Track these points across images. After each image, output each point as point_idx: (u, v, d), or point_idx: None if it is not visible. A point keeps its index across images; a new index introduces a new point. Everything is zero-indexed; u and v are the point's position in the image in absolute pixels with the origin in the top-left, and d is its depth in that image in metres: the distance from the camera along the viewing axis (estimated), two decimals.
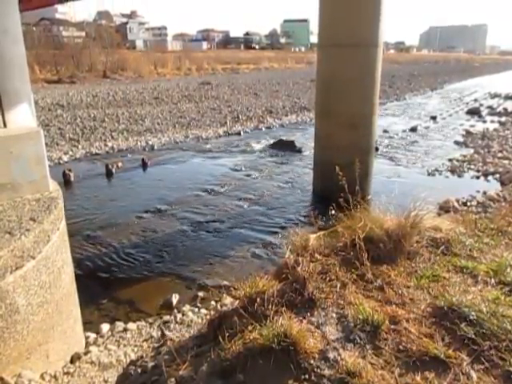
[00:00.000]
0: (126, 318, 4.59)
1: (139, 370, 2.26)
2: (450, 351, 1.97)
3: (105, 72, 34.49)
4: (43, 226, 3.03)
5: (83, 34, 47.46)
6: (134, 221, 7.14)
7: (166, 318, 4.51)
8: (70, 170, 9.31)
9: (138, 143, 12.61)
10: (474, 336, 2.05)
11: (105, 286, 5.27)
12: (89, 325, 4.32)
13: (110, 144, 12.31)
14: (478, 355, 1.97)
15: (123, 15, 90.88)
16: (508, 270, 2.77)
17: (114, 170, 9.85)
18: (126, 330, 4.28)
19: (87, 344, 3.96)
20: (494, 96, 25.92)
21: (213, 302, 4.75)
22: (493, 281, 2.63)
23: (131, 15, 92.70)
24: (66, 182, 8.97)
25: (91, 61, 35.30)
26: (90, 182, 9.26)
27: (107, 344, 3.96)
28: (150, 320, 4.48)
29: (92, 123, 14.99)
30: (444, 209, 6.73)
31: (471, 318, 2.16)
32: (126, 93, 23.79)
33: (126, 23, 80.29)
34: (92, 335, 4.14)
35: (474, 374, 1.88)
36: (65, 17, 65.83)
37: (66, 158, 10.89)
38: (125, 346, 3.97)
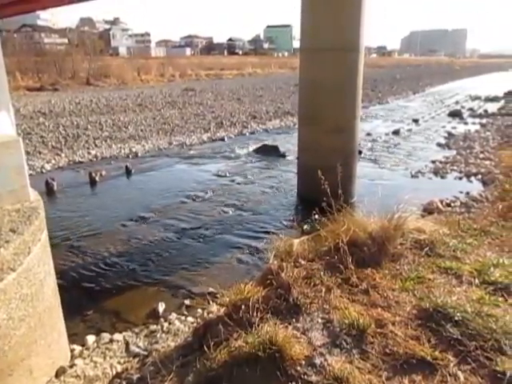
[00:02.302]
0: (111, 329, 4.50)
1: (124, 383, 2.22)
2: (437, 353, 1.98)
3: (88, 79, 34.19)
4: (23, 237, 2.96)
5: (66, 40, 47.06)
6: (119, 229, 7.06)
7: (153, 327, 4.43)
8: (52, 179, 9.16)
9: (122, 150, 12.49)
10: (459, 337, 2.06)
11: (90, 297, 5.17)
12: (74, 337, 4.22)
13: (93, 152, 12.17)
14: (465, 356, 1.98)
15: (106, 22, 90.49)
16: (491, 269, 2.80)
17: (97, 178, 9.73)
18: (112, 340, 4.19)
19: (72, 357, 3.86)
20: (474, 98, 26.35)
21: (200, 310, 4.69)
22: (477, 281, 2.65)
23: (114, 22, 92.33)
24: (48, 191, 8.83)
25: (74, 68, 34.97)
26: (74, 190, 9.13)
27: (93, 356, 3.88)
28: (137, 330, 4.40)
29: (75, 131, 14.82)
30: (428, 210, 6.78)
31: (456, 318, 2.18)
32: (109, 100, 23.60)
33: (109, 30, 79.90)
34: (77, 348, 4.05)
35: (461, 375, 1.89)
36: (47, 23, 65.25)
37: (48, 167, 10.73)
38: (111, 357, 3.89)
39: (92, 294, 5.25)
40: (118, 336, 4.25)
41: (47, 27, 60.90)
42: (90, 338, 4.23)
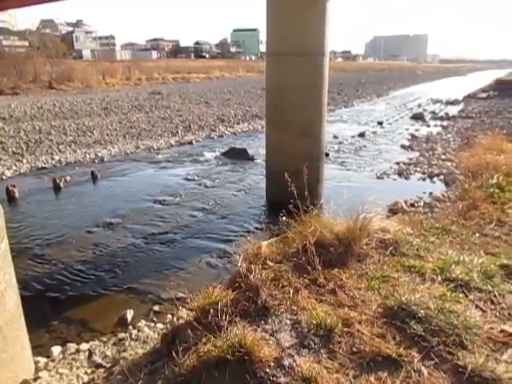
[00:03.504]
0: (78, 339, 4.38)
1: None
2: (402, 349, 2.02)
3: (50, 83, 33.24)
4: None
5: (26, 43, 45.65)
6: (84, 236, 6.89)
7: (121, 335, 4.35)
8: (13, 186, 8.85)
9: (87, 155, 12.22)
10: (423, 333, 2.12)
11: (55, 307, 5.02)
12: (39, 349, 4.08)
13: (56, 157, 11.85)
14: (428, 351, 2.04)
15: (68, 24, 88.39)
16: (453, 267, 2.90)
17: (62, 185, 9.48)
18: (78, 351, 4.08)
19: (37, 370, 3.74)
20: (436, 101, 27.23)
21: (169, 316, 4.64)
22: (439, 278, 2.74)
23: (77, 24, 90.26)
24: (9, 199, 8.53)
25: (35, 71, 33.93)
26: (37, 197, 8.86)
27: (58, 368, 3.77)
28: (104, 339, 4.31)
29: (37, 136, 14.38)
30: (393, 211, 6.95)
31: (420, 315, 2.24)
32: (73, 104, 23.05)
33: (72, 32, 78.05)
34: (42, 360, 3.92)
35: (424, 371, 1.94)
36: (5, 25, 63.15)
37: (9, 174, 10.37)
38: (77, 368, 3.79)
39: (57, 303, 5.10)
40: (84, 346, 4.14)
41: (6, 29, 58.94)
42: (56, 349, 4.11)
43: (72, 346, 4.14)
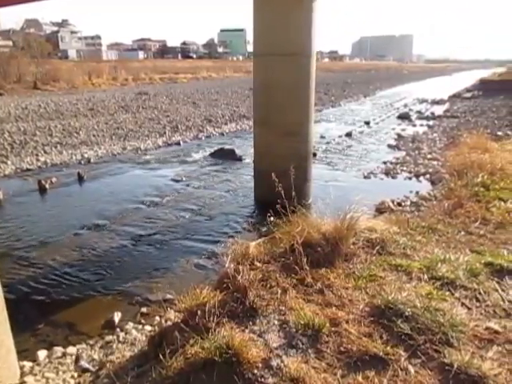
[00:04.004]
0: (65, 342, 4.33)
1: None
2: (389, 348, 2.04)
3: (35, 83, 32.83)
4: None
5: (10, 43, 45.01)
6: (71, 238, 6.81)
7: (109, 338, 4.31)
8: None
9: (73, 157, 12.09)
10: (410, 331, 2.14)
11: (41, 310, 4.95)
12: (24, 353, 4.02)
13: (42, 159, 11.70)
14: (415, 350, 2.06)
15: (54, 24, 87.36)
16: (439, 265, 2.92)
17: (47, 186, 9.36)
18: (65, 354, 4.04)
19: (22, 374, 3.68)
20: (421, 101, 27.51)
21: (157, 318, 4.61)
22: (425, 276, 2.76)
23: (62, 24, 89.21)
24: None
25: (20, 71, 33.47)
26: (22, 199, 8.73)
27: (44, 372, 3.72)
28: (91, 342, 4.26)
29: (22, 137, 14.19)
30: (380, 210, 7.00)
31: (407, 314, 2.25)
32: (58, 104, 22.80)
33: (57, 32, 77.13)
34: (28, 364, 3.86)
35: (411, 369, 1.96)
36: None
37: None
38: (64, 372, 3.74)
39: (43, 306, 5.03)
40: (71, 349, 4.10)
41: None
42: (42, 353, 4.05)
43: (58, 350, 4.09)
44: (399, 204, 7.62)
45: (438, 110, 22.37)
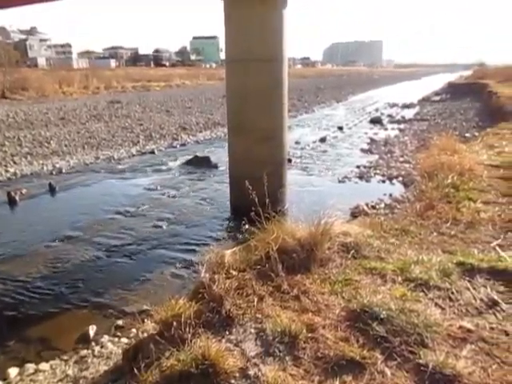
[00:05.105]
0: (37, 359, 4.20)
1: None
2: (365, 352, 2.05)
3: (3, 92, 32.00)
4: None
5: None
6: (43, 251, 6.64)
7: (83, 352, 4.21)
8: None
9: (44, 167, 11.82)
10: (385, 334, 2.16)
11: (12, 326, 4.80)
12: None
13: (11, 170, 11.39)
14: (391, 352, 2.08)
15: (22, 31, 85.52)
16: (412, 266, 2.97)
17: (17, 198, 9.11)
18: (37, 371, 3.92)
19: None
20: (392, 105, 28.06)
21: (134, 330, 4.53)
22: (400, 278, 2.80)
23: (31, 31, 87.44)
24: None
25: None
26: None
27: None
28: (65, 357, 4.15)
29: None
30: (355, 214, 7.08)
31: (382, 316, 2.28)
32: (28, 114, 22.28)
33: (26, 40, 75.58)
34: None
35: (388, 371, 1.97)
36: None
37: None
38: None
39: (14, 322, 4.88)
40: (44, 365, 3.98)
41: None
42: (13, 371, 3.92)
43: (30, 367, 3.97)
44: (373, 207, 7.72)
45: (409, 113, 22.86)
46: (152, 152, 13.99)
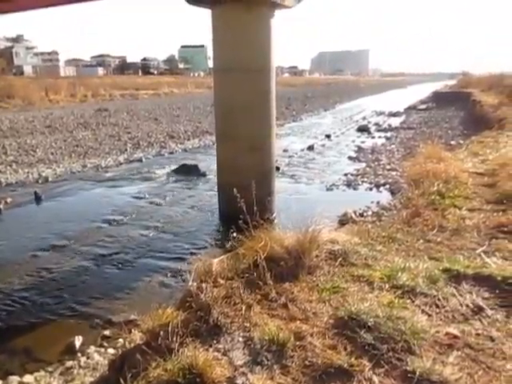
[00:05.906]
0: (21, 371, 4.12)
1: None
2: (353, 359, 2.05)
3: None
4: None
5: None
6: (28, 260, 6.54)
7: (69, 363, 4.14)
8: None
9: (30, 175, 11.69)
10: (373, 341, 2.16)
11: None
12: None
13: None
14: (378, 359, 2.08)
15: (8, 39, 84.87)
16: (399, 274, 2.99)
17: (2, 207, 8.99)
18: (21, 383, 3.85)
19: None
20: (379, 114, 28.38)
21: (121, 340, 4.47)
22: (387, 286, 2.81)
23: (17, 39, 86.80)
24: None
25: None
26: None
27: None
28: (50, 369, 4.08)
29: None
30: (343, 221, 7.11)
31: (369, 324, 2.28)
32: (13, 122, 22.08)
33: (12, 47, 75.06)
34: None
35: (375, 379, 1.98)
36: None
37: None
38: None
39: None
40: (28, 377, 3.91)
41: None
42: None
43: (14, 379, 3.90)
44: (361, 214, 7.76)
45: (395, 121, 23.12)
46: (140, 160, 13.93)
